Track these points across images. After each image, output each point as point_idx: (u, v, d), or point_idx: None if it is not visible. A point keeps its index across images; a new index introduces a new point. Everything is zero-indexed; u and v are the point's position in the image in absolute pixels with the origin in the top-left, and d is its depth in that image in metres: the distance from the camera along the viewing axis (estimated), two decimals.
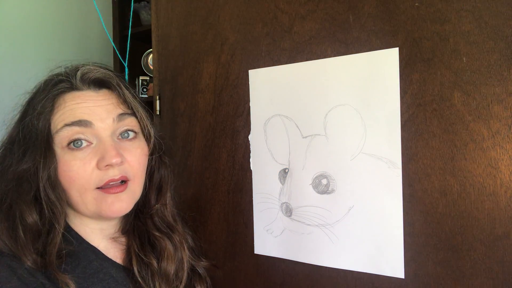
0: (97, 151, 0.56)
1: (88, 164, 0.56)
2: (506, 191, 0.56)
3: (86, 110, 0.57)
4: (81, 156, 0.56)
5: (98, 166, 0.56)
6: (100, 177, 0.56)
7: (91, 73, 0.60)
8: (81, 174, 0.56)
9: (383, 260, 0.65)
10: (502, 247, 0.57)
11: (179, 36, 0.89)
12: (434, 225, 0.61)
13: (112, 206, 0.57)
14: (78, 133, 0.56)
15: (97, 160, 0.56)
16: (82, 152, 0.56)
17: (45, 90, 0.58)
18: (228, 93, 0.82)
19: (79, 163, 0.55)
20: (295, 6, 0.72)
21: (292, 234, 0.74)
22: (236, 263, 0.83)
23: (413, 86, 0.62)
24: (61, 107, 0.57)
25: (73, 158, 0.56)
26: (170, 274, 0.64)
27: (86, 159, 0.56)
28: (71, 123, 0.56)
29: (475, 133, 0.58)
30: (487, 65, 0.57)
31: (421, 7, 0.61)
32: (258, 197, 0.78)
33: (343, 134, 0.68)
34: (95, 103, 0.58)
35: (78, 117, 0.56)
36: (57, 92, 0.58)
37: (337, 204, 0.69)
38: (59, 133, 0.56)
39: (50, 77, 0.61)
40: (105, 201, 0.57)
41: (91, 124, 0.57)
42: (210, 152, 0.85)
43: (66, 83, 0.59)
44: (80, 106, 0.57)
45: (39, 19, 1.68)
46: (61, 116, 0.56)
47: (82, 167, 0.56)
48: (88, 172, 0.56)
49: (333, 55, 0.69)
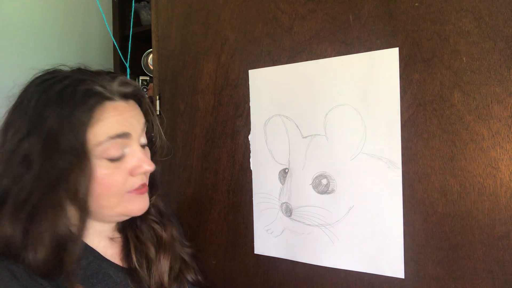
0: (129, 159, 0.59)
1: (124, 171, 0.59)
2: (506, 191, 0.56)
3: (125, 122, 0.58)
4: (117, 165, 0.58)
5: (132, 173, 0.60)
6: (133, 182, 0.61)
7: (128, 86, 0.60)
8: (118, 181, 0.58)
9: (383, 260, 0.65)
10: (502, 247, 0.57)
11: (179, 36, 0.89)
12: (434, 225, 0.61)
13: (140, 205, 0.63)
14: (118, 146, 0.58)
15: (132, 168, 0.60)
16: (119, 162, 0.58)
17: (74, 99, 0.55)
18: (228, 93, 0.82)
19: (117, 172, 0.58)
20: (295, 6, 0.72)
21: (292, 234, 0.74)
22: (236, 263, 0.83)
23: (413, 86, 0.62)
24: (101, 118, 0.55)
25: (111, 167, 0.57)
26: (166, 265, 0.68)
27: (122, 167, 0.59)
28: (115, 136, 0.57)
29: (475, 133, 0.58)
30: (487, 65, 0.57)
31: (421, 7, 0.61)
32: (258, 197, 0.78)
33: (343, 134, 0.68)
34: (129, 114, 0.59)
35: (121, 130, 0.57)
36: (94, 104, 0.55)
37: (337, 204, 0.69)
38: (102, 145, 0.55)
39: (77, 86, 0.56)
40: (134, 202, 0.62)
41: (130, 135, 0.59)
42: (210, 152, 0.85)
43: (100, 95, 0.57)
44: (119, 118, 0.57)
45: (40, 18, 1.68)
46: (102, 129, 0.55)
47: (120, 175, 0.58)
48: (124, 178, 0.59)
49: (333, 55, 0.69)
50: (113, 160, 0.57)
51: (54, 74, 0.59)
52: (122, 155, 0.58)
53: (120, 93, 0.59)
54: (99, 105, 0.56)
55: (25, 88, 0.58)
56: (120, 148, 0.58)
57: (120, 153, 0.58)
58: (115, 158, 0.58)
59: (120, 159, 0.58)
